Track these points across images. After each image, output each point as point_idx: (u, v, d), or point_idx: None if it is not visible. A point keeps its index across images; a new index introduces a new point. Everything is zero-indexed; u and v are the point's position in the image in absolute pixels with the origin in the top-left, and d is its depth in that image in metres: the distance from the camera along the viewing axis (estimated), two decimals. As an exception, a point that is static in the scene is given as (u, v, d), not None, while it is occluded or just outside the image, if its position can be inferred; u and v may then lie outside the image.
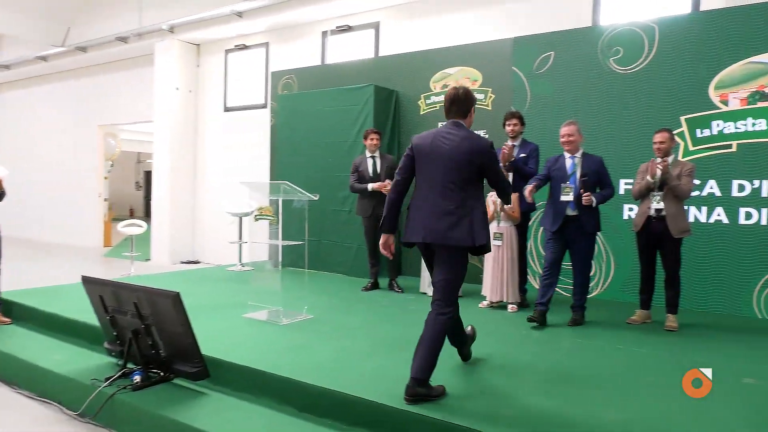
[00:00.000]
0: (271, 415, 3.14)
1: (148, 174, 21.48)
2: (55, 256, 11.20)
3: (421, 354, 2.95)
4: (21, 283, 5.83)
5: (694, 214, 5.22)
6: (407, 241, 3.18)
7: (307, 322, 4.59)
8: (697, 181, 5.04)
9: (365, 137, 6.02)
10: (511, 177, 4.98)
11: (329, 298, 5.60)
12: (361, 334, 4.27)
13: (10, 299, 5.20)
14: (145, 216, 19.50)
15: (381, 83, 7.01)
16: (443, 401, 2.93)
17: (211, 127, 10.37)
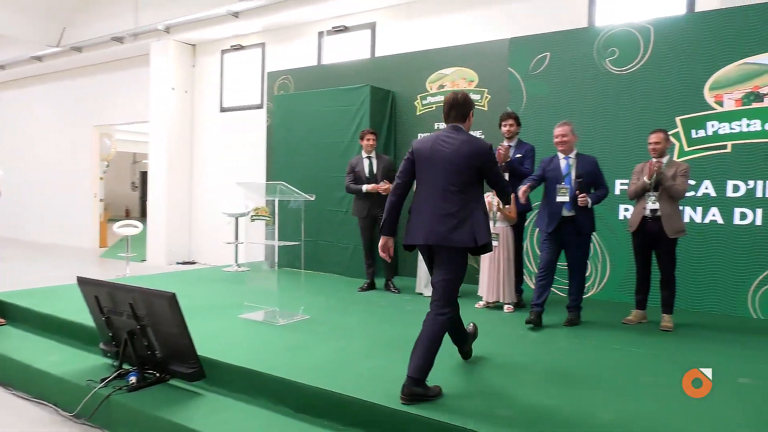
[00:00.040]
0: (267, 415, 3.13)
1: (144, 174, 21.45)
2: (50, 257, 11.16)
3: (418, 354, 2.96)
4: (16, 283, 5.82)
5: (689, 214, 5.24)
6: (409, 243, 3.20)
7: (303, 323, 4.59)
8: (692, 182, 5.06)
9: (361, 138, 6.03)
10: (507, 177, 4.99)
11: (326, 299, 5.60)
12: (357, 335, 4.28)
13: (5, 300, 5.18)
14: (141, 216, 19.47)
15: (377, 84, 7.01)
16: (440, 401, 2.93)
17: (207, 127, 10.36)
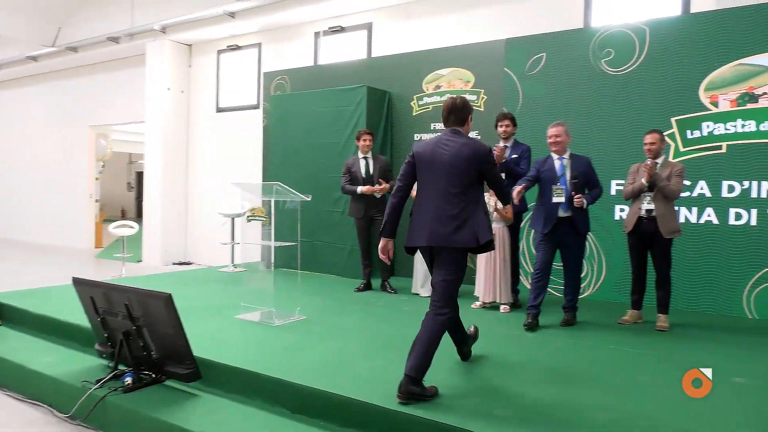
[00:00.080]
0: (263, 416, 3.13)
1: (139, 175, 21.41)
2: (45, 258, 11.12)
3: (416, 353, 2.98)
4: (11, 284, 5.80)
5: (684, 214, 5.26)
6: (411, 245, 3.25)
7: (299, 323, 4.58)
8: (687, 182, 5.08)
9: (358, 138, 6.02)
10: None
11: (322, 299, 5.59)
12: (354, 335, 4.27)
13: (0, 300, 5.16)
14: (137, 217, 19.41)
15: (374, 84, 7.01)
16: (437, 401, 2.94)
17: (204, 127, 10.34)
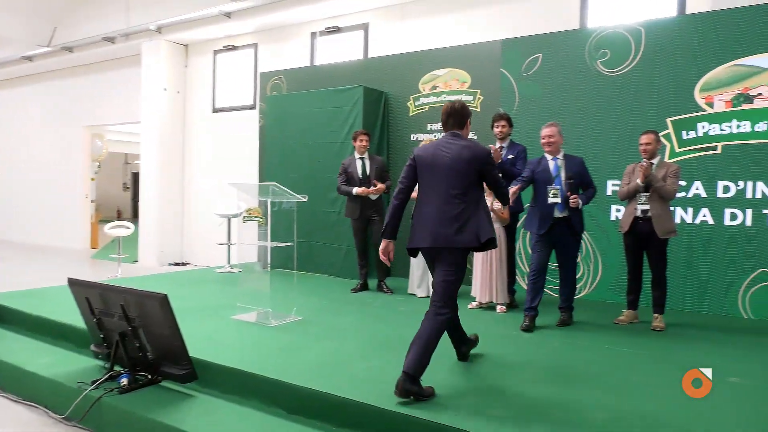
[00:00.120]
0: (260, 417, 3.13)
1: (135, 175, 21.33)
2: (41, 258, 11.08)
3: (415, 350, 3.00)
4: (6, 285, 5.78)
5: (680, 215, 5.27)
6: (413, 247, 3.29)
7: (296, 324, 4.58)
8: (682, 183, 5.09)
9: (354, 139, 6.02)
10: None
11: (318, 300, 5.59)
12: (350, 336, 4.27)
13: (-6, 302, 5.14)
14: (133, 217, 19.38)
15: (370, 84, 7.01)
16: (433, 401, 2.94)
17: (200, 128, 10.32)
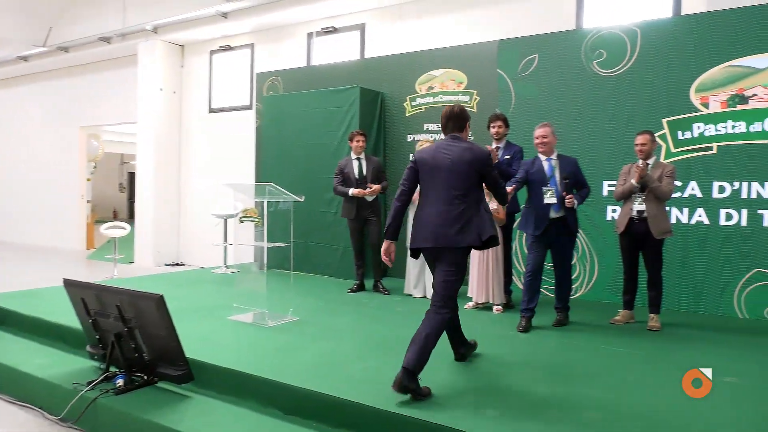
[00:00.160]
0: (256, 417, 3.12)
1: (131, 175, 21.30)
2: (36, 259, 11.04)
3: (415, 347, 3.04)
4: (2, 285, 5.76)
5: (675, 215, 5.28)
6: (416, 247, 3.34)
7: (292, 324, 4.57)
8: (678, 183, 5.11)
9: (351, 139, 6.02)
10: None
11: (315, 300, 5.59)
12: (347, 336, 4.27)
13: (-10, 303, 5.12)
14: (129, 218, 19.33)
15: (367, 85, 7.01)
16: (430, 401, 2.95)
17: (196, 128, 10.31)
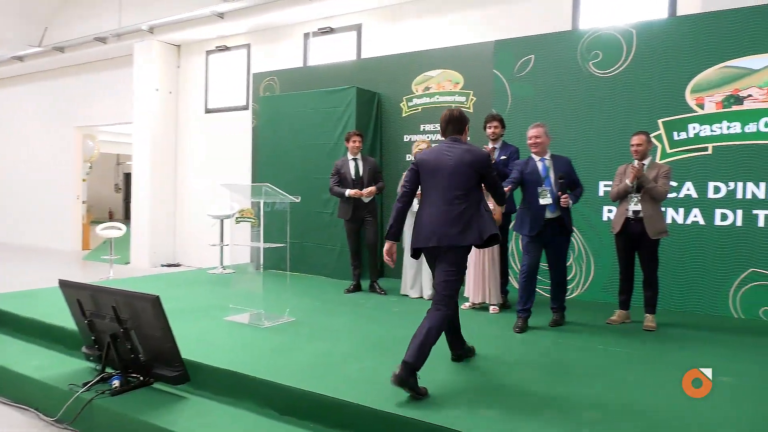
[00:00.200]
0: (252, 418, 3.12)
1: (127, 176, 21.22)
2: (32, 260, 11.00)
3: (415, 343, 3.08)
4: (-4, 287, 5.74)
5: (671, 215, 5.30)
6: (418, 247, 3.39)
7: (289, 325, 4.57)
8: (674, 183, 5.12)
9: (347, 139, 6.01)
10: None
11: (311, 301, 5.58)
12: (343, 336, 4.27)
13: (-16, 304, 5.10)
14: (125, 218, 19.28)
15: (363, 85, 7.01)
16: (426, 402, 2.95)
17: (192, 128, 10.29)
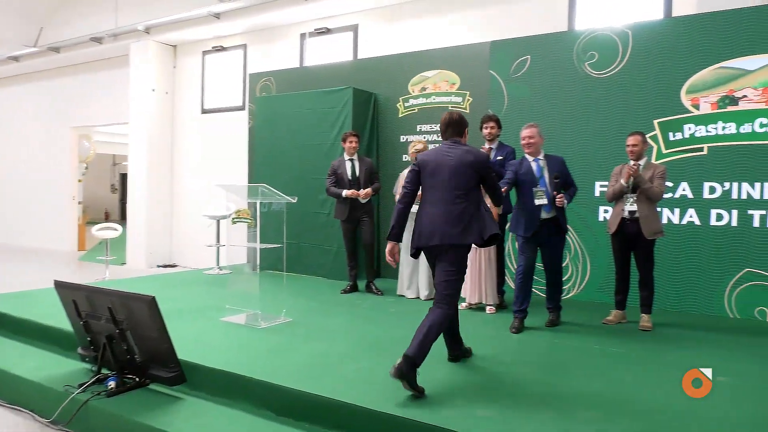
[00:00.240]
0: (249, 419, 3.12)
1: (123, 176, 21.17)
2: (27, 261, 10.97)
3: (417, 338, 3.12)
4: (-8, 288, 5.72)
5: (667, 215, 5.32)
6: (422, 245, 3.40)
7: (285, 325, 4.57)
8: (669, 184, 5.14)
9: (344, 140, 6.01)
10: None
11: (308, 301, 5.58)
12: (340, 337, 4.27)
13: (-20, 305, 5.08)
14: (121, 219, 19.22)
15: (360, 86, 7.01)
16: (422, 402, 2.95)
17: (188, 129, 10.27)
